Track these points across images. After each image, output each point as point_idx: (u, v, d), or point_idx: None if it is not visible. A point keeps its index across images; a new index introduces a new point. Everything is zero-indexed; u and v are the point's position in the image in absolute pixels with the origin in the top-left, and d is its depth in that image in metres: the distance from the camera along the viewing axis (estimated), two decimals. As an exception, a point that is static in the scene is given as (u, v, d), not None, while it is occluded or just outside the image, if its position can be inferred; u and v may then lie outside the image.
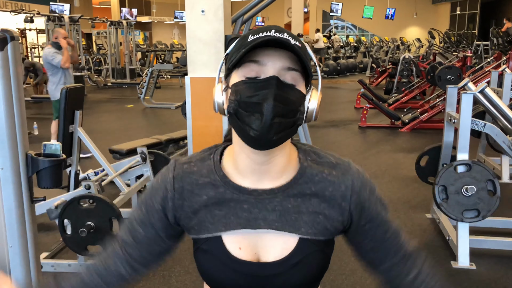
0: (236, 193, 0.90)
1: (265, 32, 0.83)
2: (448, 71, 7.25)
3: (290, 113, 0.82)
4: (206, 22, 4.24)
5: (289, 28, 15.31)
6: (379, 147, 6.55)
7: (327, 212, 0.90)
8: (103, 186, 3.02)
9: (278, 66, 0.83)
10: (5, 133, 1.73)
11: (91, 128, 7.53)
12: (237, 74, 0.85)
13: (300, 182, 0.90)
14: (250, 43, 0.82)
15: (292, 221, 0.89)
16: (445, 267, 3.05)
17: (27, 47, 16.78)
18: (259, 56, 0.82)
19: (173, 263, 3.11)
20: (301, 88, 0.86)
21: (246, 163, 0.88)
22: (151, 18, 24.91)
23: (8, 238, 1.81)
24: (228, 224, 0.90)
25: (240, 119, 0.82)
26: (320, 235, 0.90)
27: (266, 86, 0.81)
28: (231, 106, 0.83)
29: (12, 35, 1.72)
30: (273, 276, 0.90)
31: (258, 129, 0.80)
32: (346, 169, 0.92)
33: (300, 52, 0.82)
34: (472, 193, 3.02)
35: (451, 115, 3.39)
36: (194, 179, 0.92)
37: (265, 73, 0.82)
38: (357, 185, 0.91)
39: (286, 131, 0.83)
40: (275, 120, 0.80)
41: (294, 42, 0.83)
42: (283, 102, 0.81)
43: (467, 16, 21.85)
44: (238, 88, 0.83)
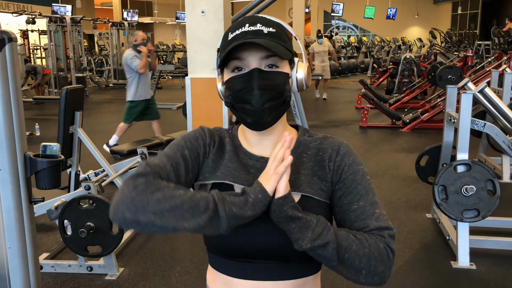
0: (246, 158, 1.02)
1: (241, 28, 0.95)
2: (449, 71, 7.24)
3: (277, 95, 0.95)
4: (207, 23, 4.24)
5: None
6: (380, 147, 6.54)
7: (319, 173, 0.99)
8: (103, 186, 3.03)
9: (256, 57, 0.94)
10: (3, 134, 1.74)
11: (92, 129, 7.54)
12: (226, 71, 0.99)
13: (298, 151, 1.02)
14: (229, 43, 0.95)
15: (292, 181, 0.96)
16: (445, 267, 3.04)
17: (29, 48, 16.82)
18: (239, 53, 0.94)
19: (173, 263, 3.11)
20: (284, 68, 0.97)
21: (252, 135, 1.02)
22: (153, 19, 24.94)
23: (7, 239, 1.82)
24: (237, 177, 0.98)
25: (237, 110, 0.97)
26: (317, 195, 0.97)
27: (250, 78, 0.94)
28: (227, 101, 0.98)
29: (10, 36, 1.72)
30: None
31: (253, 116, 0.94)
32: (336, 140, 1.03)
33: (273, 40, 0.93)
34: (472, 193, 3.01)
35: (451, 115, 3.39)
36: (221, 139, 1.05)
37: (247, 66, 0.95)
38: (342, 150, 1.00)
39: (278, 110, 0.96)
40: (265, 106, 0.93)
41: (267, 29, 0.95)
42: (268, 88, 0.94)
43: (468, 16, 21.82)
44: (229, 85, 0.97)
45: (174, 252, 3.29)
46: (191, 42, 4.32)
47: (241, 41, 0.91)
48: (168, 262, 3.14)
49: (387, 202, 4.28)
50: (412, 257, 3.19)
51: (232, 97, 0.96)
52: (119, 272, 2.99)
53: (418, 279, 2.92)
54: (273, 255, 0.94)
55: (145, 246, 3.40)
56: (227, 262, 0.98)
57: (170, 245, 3.41)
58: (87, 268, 2.98)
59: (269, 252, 0.94)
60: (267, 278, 0.96)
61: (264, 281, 0.96)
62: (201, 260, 3.13)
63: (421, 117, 7.53)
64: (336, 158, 0.99)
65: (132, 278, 2.93)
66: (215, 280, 1.02)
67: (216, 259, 1.01)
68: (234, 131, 1.08)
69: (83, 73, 12.65)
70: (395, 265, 3.20)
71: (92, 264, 2.98)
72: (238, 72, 0.96)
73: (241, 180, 0.98)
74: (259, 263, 0.95)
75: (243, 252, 0.95)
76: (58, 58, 12.07)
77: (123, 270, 3.03)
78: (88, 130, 3.58)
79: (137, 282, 2.89)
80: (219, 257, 0.99)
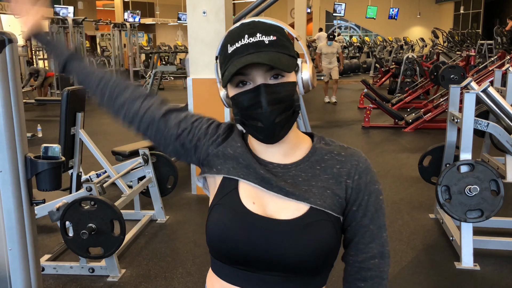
0: (255, 162, 0.98)
1: (240, 41, 0.91)
2: (451, 71, 7.21)
3: (287, 107, 0.91)
4: (208, 23, 4.23)
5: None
6: (383, 147, 6.52)
7: (334, 188, 0.96)
8: (104, 188, 3.02)
9: (261, 71, 0.90)
10: (3, 135, 1.73)
11: (94, 130, 7.53)
12: (230, 86, 0.95)
13: (312, 160, 0.98)
14: (230, 57, 0.91)
15: (303, 192, 0.94)
16: (448, 268, 3.03)
17: (31, 49, 16.85)
18: (242, 70, 0.89)
19: (175, 265, 3.10)
20: (290, 76, 0.93)
21: (259, 144, 0.98)
22: (155, 20, 24.96)
23: (8, 240, 1.81)
24: (247, 174, 0.96)
25: (248, 127, 0.94)
26: (328, 208, 0.94)
27: (257, 95, 0.90)
28: (237, 118, 0.95)
29: (10, 37, 1.72)
30: (284, 234, 0.91)
31: (264, 133, 0.92)
32: (355, 153, 0.99)
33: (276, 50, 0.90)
34: (475, 193, 2.99)
35: (454, 114, 3.37)
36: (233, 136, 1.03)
37: (253, 80, 0.91)
38: (361, 167, 0.97)
39: (289, 123, 0.93)
40: (276, 121, 0.90)
41: (268, 38, 0.90)
42: (277, 102, 0.90)
43: (471, 16, 21.76)
44: (236, 101, 0.93)
45: (176, 254, 3.28)
46: (193, 42, 4.32)
47: (243, 63, 0.87)
48: (170, 263, 3.13)
49: (390, 202, 4.26)
50: (415, 258, 3.17)
51: (241, 115, 0.93)
52: (121, 274, 2.98)
53: (421, 280, 2.90)
54: (275, 267, 0.92)
55: (147, 248, 3.39)
56: (229, 268, 0.96)
57: (172, 247, 3.40)
58: (89, 270, 2.97)
59: (272, 263, 0.92)
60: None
61: None
62: (203, 262, 3.12)
63: (424, 117, 7.51)
64: (354, 177, 0.96)
65: (134, 280, 2.92)
66: (215, 284, 1.00)
67: (218, 264, 0.98)
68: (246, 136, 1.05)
69: (85, 74, 12.64)
70: (398, 265, 3.19)
71: (94, 266, 2.97)
72: (243, 87, 0.92)
73: (252, 178, 0.96)
74: (261, 274, 0.93)
75: (246, 261, 0.93)
76: (60, 59, 12.06)
77: (125, 271, 3.02)
78: (90, 131, 3.58)
79: (139, 283, 2.88)
80: (221, 263, 0.97)
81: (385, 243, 0.98)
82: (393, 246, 3.34)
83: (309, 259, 0.91)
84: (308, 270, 0.93)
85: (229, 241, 0.93)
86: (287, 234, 0.91)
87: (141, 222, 3.75)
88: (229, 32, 0.95)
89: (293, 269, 0.92)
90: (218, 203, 0.97)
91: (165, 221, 3.89)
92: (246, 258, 0.93)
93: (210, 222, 0.97)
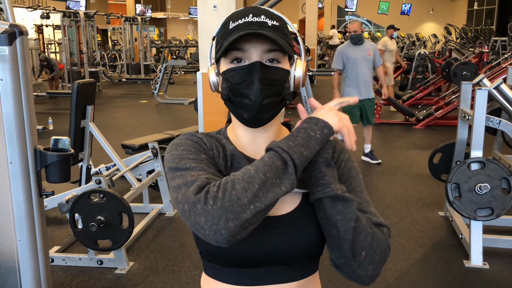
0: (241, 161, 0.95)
1: (244, 18, 0.90)
2: (463, 67, 7.13)
3: (277, 92, 0.90)
4: (218, 17, 4.22)
5: (303, 24, 15.24)
6: (393, 144, 6.48)
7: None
8: (113, 181, 3.03)
9: (259, 49, 0.89)
10: (13, 127, 1.74)
11: (105, 124, 7.59)
12: (224, 61, 0.92)
13: None
14: (231, 32, 0.89)
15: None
16: (457, 266, 3.00)
17: (43, 43, 16.97)
18: (241, 44, 0.89)
19: (182, 259, 3.11)
20: (285, 64, 0.92)
21: (246, 133, 0.97)
22: (166, 14, 25.00)
23: (17, 231, 1.83)
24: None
25: (233, 103, 0.91)
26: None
27: (251, 72, 0.88)
28: (224, 94, 0.92)
29: (21, 29, 1.73)
30: (286, 228, 0.91)
31: (250, 111, 0.89)
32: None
33: (277, 33, 0.89)
34: (486, 191, 2.96)
35: (465, 111, 3.33)
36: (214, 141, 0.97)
37: (248, 58, 0.90)
38: (338, 147, 0.98)
39: (276, 108, 0.92)
40: (264, 102, 0.89)
41: (272, 22, 0.90)
42: (269, 83, 0.89)
43: (484, 12, 21.49)
44: (227, 76, 0.91)
45: (183, 247, 3.29)
46: (203, 37, 4.31)
47: (246, 31, 0.86)
48: (178, 256, 3.15)
49: (400, 199, 4.24)
50: (423, 255, 3.15)
51: (230, 90, 0.90)
52: (129, 266, 3.00)
53: (430, 278, 2.89)
54: (278, 259, 0.92)
55: (155, 241, 3.41)
56: (229, 270, 0.94)
57: (180, 240, 3.42)
58: (97, 262, 2.99)
59: (276, 258, 0.92)
60: (273, 282, 0.93)
61: (271, 285, 0.94)
62: (210, 255, 3.13)
63: (435, 114, 7.44)
64: (334, 155, 0.96)
65: (141, 272, 2.94)
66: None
67: (216, 268, 0.96)
68: (223, 133, 1.01)
69: (96, 68, 12.73)
70: (406, 262, 3.17)
71: (102, 258, 3.00)
72: (237, 64, 0.90)
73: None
74: (265, 269, 0.93)
75: (249, 262, 0.92)
76: (71, 52, 12.16)
77: (133, 264, 3.04)
78: (100, 124, 3.60)
79: (147, 276, 2.89)
80: (219, 266, 0.95)
81: (377, 215, 0.94)
82: (402, 243, 3.32)
83: (313, 245, 0.93)
84: (311, 256, 0.94)
85: (232, 248, 0.88)
86: (289, 228, 0.91)
87: (150, 216, 3.77)
88: (232, 13, 0.94)
89: (297, 259, 0.93)
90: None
91: (173, 214, 3.91)
92: (251, 260, 0.92)
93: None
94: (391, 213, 3.91)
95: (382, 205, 4.09)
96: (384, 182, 4.73)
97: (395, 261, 3.06)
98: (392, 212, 3.93)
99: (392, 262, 3.04)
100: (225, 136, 1.00)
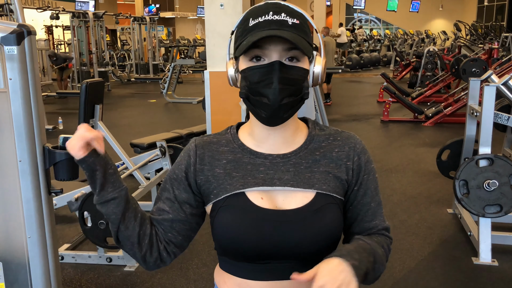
0: (253, 158, 0.97)
1: (264, 16, 0.89)
2: (473, 64, 7.08)
3: (296, 91, 0.90)
4: (225, 16, 4.24)
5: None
6: (402, 141, 6.46)
7: (336, 171, 0.97)
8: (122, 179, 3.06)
9: (279, 48, 0.88)
10: (22, 126, 1.77)
11: (114, 123, 7.64)
12: (243, 58, 0.92)
13: (310, 147, 0.99)
14: (251, 30, 0.89)
15: (306, 179, 0.95)
16: (466, 263, 2.99)
17: (53, 43, 17.11)
18: (261, 42, 0.88)
19: (190, 256, 3.13)
20: (304, 63, 0.92)
21: (262, 130, 0.96)
22: (174, 13, 25.08)
23: (27, 229, 1.85)
24: (246, 183, 0.95)
25: (252, 103, 0.91)
26: (333, 191, 0.96)
27: (270, 71, 0.88)
28: (242, 92, 0.92)
29: (29, 29, 1.75)
30: (296, 223, 0.92)
31: (269, 111, 0.89)
32: (350, 135, 1.02)
33: (297, 33, 0.89)
34: (494, 188, 2.95)
35: (473, 108, 3.31)
36: (214, 147, 1.00)
37: (268, 57, 0.89)
38: (358, 148, 1.00)
39: (295, 108, 0.92)
40: (283, 102, 0.88)
41: (292, 20, 0.89)
42: (288, 83, 0.89)
43: (495, 8, 21.27)
44: (246, 75, 0.91)
45: (191, 244, 3.30)
46: (210, 35, 4.33)
47: (266, 34, 0.86)
48: (186, 254, 3.17)
49: (408, 196, 4.22)
50: (432, 253, 3.14)
51: (248, 88, 0.90)
52: (137, 264, 3.02)
53: (438, 275, 2.88)
54: (289, 255, 0.93)
55: (163, 238, 3.43)
56: (242, 264, 0.96)
57: (189, 238, 3.43)
58: (107, 259, 3.02)
59: (286, 253, 0.93)
60: (284, 277, 0.94)
61: (281, 281, 0.95)
62: (218, 253, 3.15)
63: (444, 111, 7.40)
64: (354, 158, 0.98)
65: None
66: (227, 281, 0.99)
67: (229, 262, 0.98)
68: (233, 131, 1.02)
69: (105, 68, 12.81)
70: (414, 259, 3.16)
71: (112, 255, 3.03)
72: (257, 62, 0.90)
73: (251, 184, 0.95)
74: (276, 263, 0.94)
75: (260, 256, 0.93)
76: (81, 53, 12.26)
77: (142, 261, 3.06)
78: (110, 123, 3.63)
79: (155, 273, 2.92)
80: (232, 260, 0.97)
81: (385, 218, 1.03)
82: (410, 240, 3.31)
83: (323, 243, 0.93)
84: (323, 253, 0.93)
85: (241, 241, 0.92)
86: (299, 223, 0.92)
87: (158, 214, 3.79)
88: (252, 8, 0.93)
89: (308, 255, 0.93)
90: (224, 205, 0.95)
91: (182, 212, 3.92)
92: (261, 253, 0.93)
93: (218, 225, 0.95)
94: (400, 210, 3.90)
95: (390, 202, 4.08)
96: (393, 180, 4.72)
97: (403, 258, 3.05)
98: (401, 210, 3.92)
99: (400, 259, 3.04)
100: (233, 135, 1.01)
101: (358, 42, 18.36)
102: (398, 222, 3.65)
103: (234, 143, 1.00)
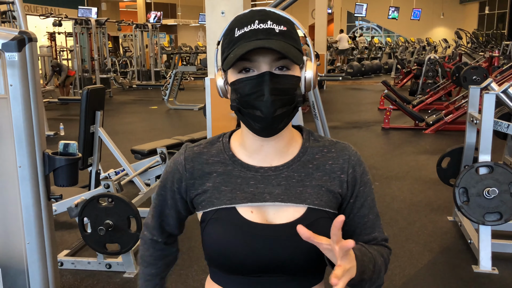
0: (244, 170, 0.94)
1: (249, 25, 0.86)
2: (473, 72, 7.09)
3: (289, 100, 0.87)
4: (226, 23, 4.24)
5: (312, 30, 15.25)
6: (402, 148, 6.45)
7: (329, 184, 0.95)
8: (122, 185, 3.07)
9: (268, 59, 0.86)
10: (23, 132, 1.78)
11: (116, 129, 7.66)
12: (232, 71, 0.89)
13: (303, 159, 0.96)
14: (237, 41, 0.86)
15: (298, 194, 0.93)
16: (466, 271, 2.98)
17: (56, 50, 17.18)
18: (248, 54, 0.85)
19: (190, 263, 3.13)
20: (295, 70, 0.89)
21: (254, 141, 0.94)
22: (176, 21, 25.18)
23: (26, 234, 1.86)
24: (234, 198, 0.93)
25: (244, 115, 0.88)
26: (326, 206, 0.93)
27: (261, 82, 0.85)
28: (233, 105, 0.89)
29: (30, 36, 1.77)
30: (284, 238, 0.90)
31: (262, 123, 0.86)
32: (345, 147, 0.98)
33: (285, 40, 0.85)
34: (494, 196, 2.94)
35: (473, 115, 3.32)
36: (204, 159, 0.98)
37: (257, 68, 0.86)
38: (353, 160, 0.97)
39: (289, 117, 0.89)
40: (277, 113, 0.86)
41: (279, 27, 0.86)
42: (280, 93, 0.86)
43: (496, 16, 21.34)
44: (236, 87, 0.88)
45: (191, 251, 3.31)
46: (211, 43, 4.34)
47: (254, 46, 0.82)
48: (186, 261, 3.16)
49: (408, 204, 4.22)
50: (432, 260, 3.13)
51: (239, 101, 0.87)
52: (137, 270, 3.02)
53: (438, 283, 2.87)
54: (280, 269, 0.91)
55: (163, 245, 3.42)
56: (232, 277, 0.95)
57: (188, 244, 3.43)
58: (106, 266, 3.02)
59: (276, 267, 0.91)
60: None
61: None
62: (218, 260, 3.14)
63: (445, 119, 7.40)
64: (348, 171, 0.95)
65: (149, 276, 2.96)
66: None
67: (219, 274, 0.97)
68: (225, 139, 0.99)
69: (107, 74, 12.86)
70: (414, 267, 3.15)
71: (111, 262, 3.02)
72: (246, 74, 0.87)
73: (240, 199, 0.93)
74: (266, 277, 0.92)
75: (250, 269, 0.92)
76: (83, 59, 12.31)
77: (141, 268, 3.06)
78: (111, 130, 3.64)
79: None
80: (223, 273, 0.96)
81: (383, 230, 1.01)
82: (410, 248, 3.30)
83: (316, 257, 0.90)
84: (315, 268, 0.93)
85: (231, 255, 0.91)
86: (290, 238, 0.89)
87: (158, 220, 3.79)
88: (237, 17, 0.90)
89: (300, 270, 0.92)
90: (214, 217, 0.94)
91: (182, 219, 3.92)
92: (251, 268, 0.92)
93: (208, 237, 0.94)
94: (400, 218, 3.90)
95: (391, 210, 4.08)
96: (393, 187, 4.72)
97: (403, 266, 3.05)
98: (401, 217, 3.91)
99: (400, 267, 3.03)
100: (225, 144, 0.98)
101: (360, 50, 18.41)
102: (398, 230, 3.64)
103: (225, 153, 0.97)
